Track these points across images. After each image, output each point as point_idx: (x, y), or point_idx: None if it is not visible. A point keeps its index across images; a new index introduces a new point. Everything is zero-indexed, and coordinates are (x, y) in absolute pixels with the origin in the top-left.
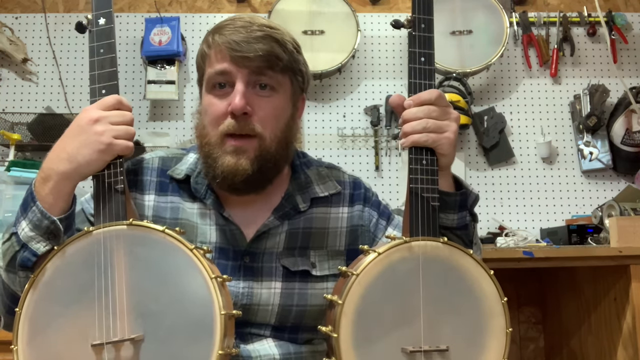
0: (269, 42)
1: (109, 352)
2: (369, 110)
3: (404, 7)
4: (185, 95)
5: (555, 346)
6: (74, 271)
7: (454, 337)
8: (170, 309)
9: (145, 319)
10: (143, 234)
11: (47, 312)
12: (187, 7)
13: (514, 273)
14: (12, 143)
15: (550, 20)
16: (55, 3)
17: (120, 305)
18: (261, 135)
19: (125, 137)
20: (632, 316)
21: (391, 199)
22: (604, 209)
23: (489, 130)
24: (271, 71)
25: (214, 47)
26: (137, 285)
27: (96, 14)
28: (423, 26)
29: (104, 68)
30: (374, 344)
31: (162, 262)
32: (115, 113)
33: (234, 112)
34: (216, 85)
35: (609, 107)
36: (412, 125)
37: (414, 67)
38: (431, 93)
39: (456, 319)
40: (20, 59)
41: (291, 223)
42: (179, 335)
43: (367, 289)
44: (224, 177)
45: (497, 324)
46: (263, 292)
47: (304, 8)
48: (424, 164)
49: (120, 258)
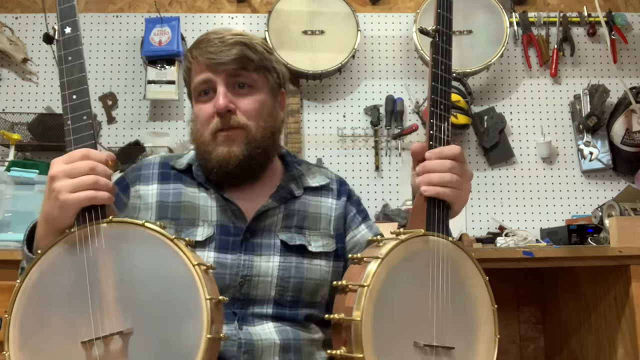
0: (239, 47)
1: (99, 347)
2: (369, 110)
3: (404, 7)
4: (185, 95)
5: (555, 346)
6: (59, 272)
7: (455, 337)
8: (156, 299)
9: (133, 311)
10: (123, 230)
11: (37, 315)
12: (187, 7)
13: (514, 273)
14: (12, 143)
15: (550, 20)
16: (55, 3)
17: (107, 301)
18: (247, 125)
19: (83, 189)
20: (632, 316)
21: (391, 198)
22: (604, 209)
23: (489, 130)
24: (245, 71)
25: (194, 61)
26: (121, 280)
27: (62, 23)
28: (445, 38)
29: (73, 74)
30: (390, 332)
31: (144, 255)
32: (73, 166)
33: (219, 110)
34: (201, 93)
35: (609, 107)
36: (439, 177)
37: (436, 72)
38: (453, 149)
39: (457, 320)
40: (20, 59)
41: (287, 205)
42: (167, 325)
43: (389, 274)
44: (220, 165)
45: (487, 330)
46: (262, 265)
47: (304, 8)
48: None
49: (103, 255)
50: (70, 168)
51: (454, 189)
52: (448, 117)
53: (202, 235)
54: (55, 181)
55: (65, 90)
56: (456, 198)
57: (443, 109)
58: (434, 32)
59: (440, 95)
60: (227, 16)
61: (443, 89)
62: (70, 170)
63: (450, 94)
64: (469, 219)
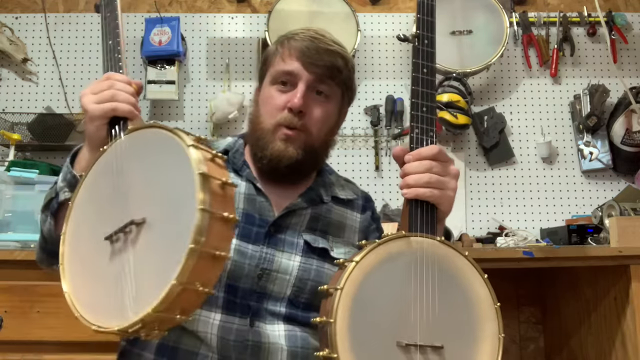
0: (336, 57)
1: (117, 239)
2: (369, 110)
3: (404, 7)
4: (185, 95)
5: (555, 346)
6: (97, 183)
7: (447, 336)
8: (163, 195)
9: (148, 205)
10: (140, 134)
11: (85, 218)
12: (187, 7)
13: (514, 273)
14: (12, 143)
15: (550, 20)
16: (55, 3)
17: (128, 202)
18: (310, 131)
19: (104, 100)
20: (632, 316)
21: (391, 199)
22: (604, 209)
23: (489, 130)
24: (331, 81)
25: (286, 48)
26: (140, 182)
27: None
28: (426, 42)
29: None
30: (369, 333)
31: (157, 158)
32: (95, 84)
33: (293, 108)
34: (280, 81)
35: (609, 107)
36: (415, 178)
37: (417, 76)
38: (431, 149)
39: (449, 318)
40: (20, 59)
41: (315, 208)
42: (170, 215)
43: (366, 277)
44: (271, 159)
45: (489, 328)
46: (283, 261)
47: (304, 8)
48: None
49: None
50: (94, 86)
51: (435, 189)
52: (432, 119)
53: None
54: (83, 98)
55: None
56: (439, 198)
57: (426, 111)
58: (414, 37)
59: (422, 98)
60: (227, 16)
61: (425, 92)
62: (93, 87)
63: (434, 96)
64: (469, 219)
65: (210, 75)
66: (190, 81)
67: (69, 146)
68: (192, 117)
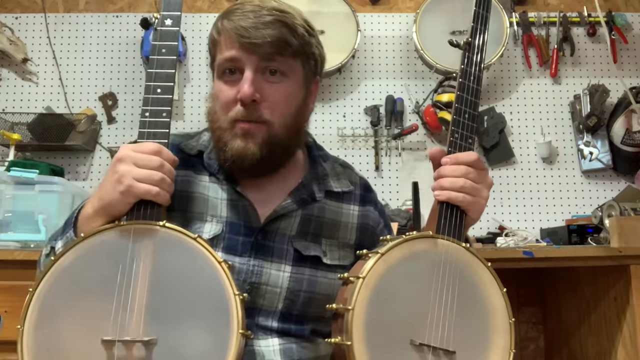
0: (279, 27)
1: (119, 349)
2: (369, 110)
3: (404, 7)
4: (185, 95)
5: (555, 346)
6: (96, 261)
7: (461, 342)
8: (186, 318)
9: (160, 323)
10: (174, 237)
11: (61, 298)
12: (187, 7)
13: (514, 273)
14: (12, 143)
15: (550, 20)
16: (55, 3)
17: (137, 305)
18: (270, 122)
19: (149, 182)
20: (632, 316)
21: (391, 199)
22: (604, 209)
23: (489, 130)
24: (281, 57)
25: (223, 33)
26: (157, 287)
27: (165, 14)
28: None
29: (163, 68)
30: (385, 327)
31: (187, 270)
32: (143, 156)
33: (243, 100)
34: (226, 71)
35: (609, 107)
36: (450, 181)
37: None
38: (470, 155)
39: (464, 325)
40: (20, 59)
41: (306, 209)
42: (190, 346)
43: (388, 270)
44: (234, 160)
45: (502, 341)
46: (272, 273)
47: (304, 8)
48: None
49: (145, 257)
50: (140, 157)
51: (468, 195)
52: (473, 127)
53: (209, 233)
54: (122, 164)
55: (151, 80)
56: (470, 204)
57: (467, 118)
58: (465, 44)
59: (465, 104)
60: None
61: (470, 99)
62: (139, 159)
63: (477, 105)
64: None
65: (210, 75)
66: (190, 81)
67: (69, 146)
68: (192, 117)
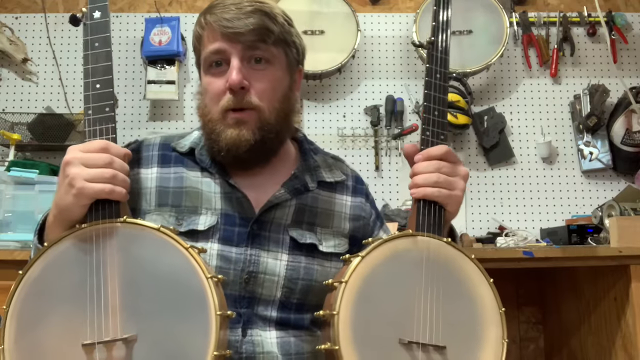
0: (259, 16)
1: (100, 351)
2: (369, 110)
3: (404, 7)
4: (185, 95)
5: (555, 346)
6: (64, 269)
7: (451, 337)
8: (164, 309)
9: (139, 318)
10: (137, 232)
11: (36, 310)
12: (187, 7)
13: (514, 273)
14: (12, 143)
15: (550, 20)
16: (55, 3)
17: (113, 304)
18: (259, 107)
19: (101, 181)
20: (632, 316)
21: (391, 199)
22: (604, 209)
23: (489, 130)
24: (264, 44)
25: (206, 28)
26: (129, 284)
27: (92, 6)
28: (440, 48)
29: (99, 62)
30: (372, 328)
31: (156, 261)
32: (91, 155)
33: (232, 87)
34: (213, 64)
35: (609, 107)
36: (424, 177)
37: (430, 80)
38: (440, 149)
39: (453, 319)
40: (20, 59)
41: (299, 198)
42: (173, 337)
43: (371, 272)
44: (228, 149)
45: (493, 332)
46: (269, 262)
47: (304, 8)
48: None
49: (113, 255)
50: (87, 157)
51: (443, 189)
52: (443, 123)
53: (204, 224)
54: (71, 167)
55: (88, 77)
56: (447, 198)
57: (437, 115)
58: (428, 44)
59: (433, 102)
60: None
61: (437, 96)
62: (87, 159)
63: (445, 101)
64: (469, 219)
65: None
66: (190, 81)
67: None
68: (192, 117)
